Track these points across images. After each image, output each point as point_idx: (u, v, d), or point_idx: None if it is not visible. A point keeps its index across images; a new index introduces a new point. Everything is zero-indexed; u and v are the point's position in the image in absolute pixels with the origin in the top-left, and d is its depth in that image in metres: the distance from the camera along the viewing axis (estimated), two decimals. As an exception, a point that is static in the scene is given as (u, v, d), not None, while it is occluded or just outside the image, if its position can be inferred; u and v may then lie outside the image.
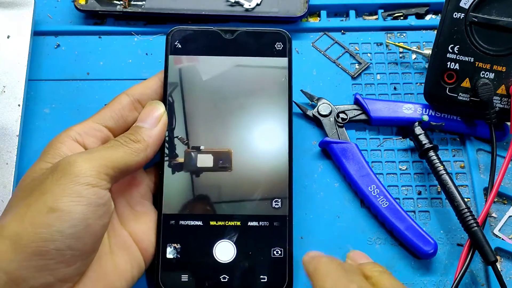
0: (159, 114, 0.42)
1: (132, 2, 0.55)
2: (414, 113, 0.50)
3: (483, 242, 0.43)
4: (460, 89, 0.48)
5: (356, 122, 0.51)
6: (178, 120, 0.44)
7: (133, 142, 0.39)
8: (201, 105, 0.44)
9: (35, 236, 0.32)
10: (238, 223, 0.41)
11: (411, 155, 0.50)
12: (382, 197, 0.46)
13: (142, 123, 0.41)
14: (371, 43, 0.55)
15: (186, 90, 0.44)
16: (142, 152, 0.39)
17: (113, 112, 0.42)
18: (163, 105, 0.43)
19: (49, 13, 0.57)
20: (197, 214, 0.41)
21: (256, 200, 0.42)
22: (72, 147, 0.39)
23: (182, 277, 0.40)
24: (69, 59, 0.54)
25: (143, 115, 0.42)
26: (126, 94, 0.43)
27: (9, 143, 0.48)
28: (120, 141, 0.39)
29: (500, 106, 0.47)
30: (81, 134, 0.40)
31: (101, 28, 0.56)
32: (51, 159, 0.37)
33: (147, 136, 0.40)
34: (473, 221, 0.44)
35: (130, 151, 0.38)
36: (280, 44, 0.44)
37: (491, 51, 0.47)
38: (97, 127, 0.41)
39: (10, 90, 0.50)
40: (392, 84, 0.53)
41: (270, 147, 0.43)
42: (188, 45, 0.44)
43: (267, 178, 0.42)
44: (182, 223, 0.41)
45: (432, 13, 0.58)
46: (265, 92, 0.44)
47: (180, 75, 0.44)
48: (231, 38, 0.44)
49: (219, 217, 0.41)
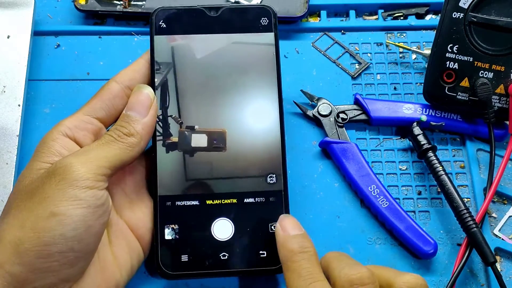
0: (149, 101, 0.40)
1: (132, 2, 0.55)
2: (414, 113, 0.50)
3: (482, 243, 0.43)
4: (459, 89, 0.48)
5: (356, 122, 0.51)
6: (170, 100, 0.43)
7: (127, 136, 0.38)
8: (189, 84, 0.43)
9: (38, 241, 0.33)
10: (235, 201, 0.41)
11: (411, 155, 0.50)
12: (382, 197, 0.46)
13: (132, 111, 0.40)
14: (371, 43, 0.55)
15: (174, 70, 0.43)
16: (136, 146, 0.39)
17: (103, 103, 0.41)
18: (151, 90, 0.41)
19: (49, 13, 0.57)
20: (193, 194, 0.41)
21: (251, 177, 0.42)
22: (64, 143, 0.38)
23: (182, 257, 0.40)
24: (69, 59, 0.54)
25: (132, 102, 0.40)
26: (116, 82, 0.41)
27: (9, 143, 0.48)
28: (113, 136, 0.38)
29: (498, 105, 0.47)
30: (72, 129, 0.39)
31: (101, 28, 0.56)
32: (46, 158, 0.37)
33: (140, 128, 0.39)
34: (472, 222, 0.44)
35: (125, 146, 0.38)
36: (265, 20, 0.44)
37: (490, 50, 0.47)
38: (87, 119, 0.40)
39: (10, 90, 0.50)
40: (392, 84, 0.53)
41: (262, 124, 0.43)
42: (173, 24, 0.44)
43: (261, 154, 0.42)
44: (178, 204, 0.41)
45: (432, 13, 0.58)
46: (253, 69, 0.44)
47: (167, 55, 0.44)
48: (215, 16, 0.44)
49: (215, 196, 0.41)
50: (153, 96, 0.41)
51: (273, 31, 0.44)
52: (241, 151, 0.43)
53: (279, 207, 0.41)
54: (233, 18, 0.44)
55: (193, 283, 0.44)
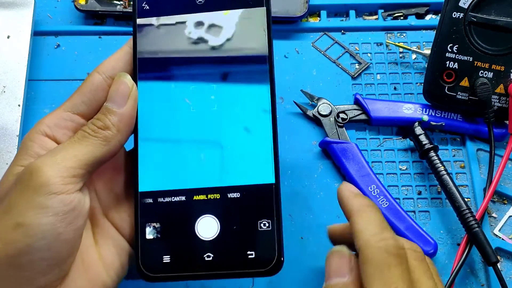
0: (127, 90, 0.37)
1: (132, 2, 0.55)
2: (414, 113, 0.50)
3: (484, 243, 0.43)
4: (459, 88, 0.48)
5: (356, 122, 0.51)
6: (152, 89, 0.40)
7: (101, 129, 0.35)
8: (177, 70, 0.40)
9: (6, 252, 0.31)
10: (218, 196, 0.38)
11: (411, 155, 0.50)
12: (382, 197, 0.46)
13: (110, 103, 0.36)
14: (371, 43, 0.55)
15: (159, 56, 0.40)
16: (112, 139, 0.35)
17: (84, 96, 0.37)
18: (129, 77, 0.38)
19: (49, 13, 0.57)
20: (176, 190, 0.38)
21: (238, 170, 0.38)
22: (43, 143, 0.35)
23: (164, 258, 0.37)
24: (69, 59, 0.54)
25: (111, 93, 0.37)
26: (97, 72, 0.38)
27: (9, 143, 0.48)
28: (87, 131, 0.35)
29: (498, 105, 0.48)
30: (51, 127, 0.36)
31: (101, 28, 0.56)
32: (23, 161, 0.35)
33: (116, 120, 0.36)
34: (474, 222, 0.44)
35: (99, 141, 0.35)
36: None
37: (490, 50, 0.47)
38: (68, 116, 0.37)
39: (10, 90, 0.50)
40: (392, 84, 0.53)
41: (251, 113, 0.39)
42: (157, 5, 0.40)
43: (249, 145, 0.38)
44: (160, 200, 0.38)
45: (432, 13, 0.58)
46: (245, 50, 0.40)
47: (150, 40, 0.40)
48: None
49: (199, 191, 0.38)
50: (132, 84, 0.37)
51: (265, 5, 0.39)
52: (228, 142, 0.39)
53: (269, 202, 0.37)
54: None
55: (193, 283, 0.43)
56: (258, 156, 0.38)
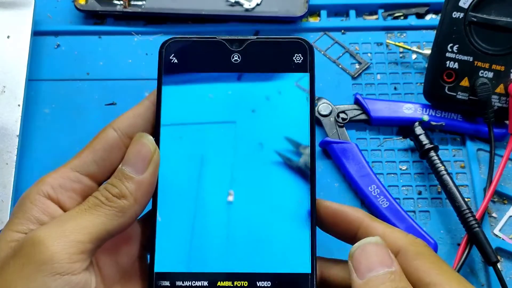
0: (148, 154, 0.32)
1: (132, 2, 0.55)
2: (415, 113, 0.50)
3: (484, 243, 0.43)
4: (459, 88, 0.48)
5: (356, 122, 0.51)
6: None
7: (116, 198, 0.30)
8: (203, 137, 0.34)
9: None
10: (246, 284, 0.33)
11: (411, 155, 0.50)
12: (382, 197, 0.46)
13: (128, 166, 0.31)
14: (371, 43, 0.55)
15: (184, 118, 0.34)
16: (128, 210, 0.30)
17: (96, 155, 0.32)
18: (152, 139, 0.32)
19: (49, 13, 0.57)
20: (197, 273, 0.33)
21: (269, 254, 0.33)
22: (44, 207, 0.31)
23: None
24: (69, 59, 0.54)
25: (129, 155, 0.32)
26: (113, 128, 0.33)
27: (9, 143, 0.48)
28: (99, 198, 0.30)
29: (498, 105, 0.48)
30: (55, 189, 0.31)
31: (101, 28, 0.56)
32: (19, 226, 0.30)
33: (134, 188, 0.31)
34: (474, 222, 0.44)
35: (113, 212, 0.30)
36: (299, 57, 0.35)
37: (490, 50, 0.47)
38: (75, 177, 0.32)
39: (10, 90, 0.50)
40: (393, 84, 0.53)
41: (286, 193, 0.34)
42: (187, 60, 0.35)
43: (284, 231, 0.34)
44: (178, 284, 0.33)
45: (432, 13, 0.58)
46: (282, 120, 0.34)
47: (176, 97, 0.35)
48: (238, 50, 0.35)
49: (224, 277, 0.33)
50: (155, 148, 0.32)
51: (308, 71, 0.34)
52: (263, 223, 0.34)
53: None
54: (260, 53, 0.35)
55: None
56: (294, 240, 0.33)
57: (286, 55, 0.35)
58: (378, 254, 0.29)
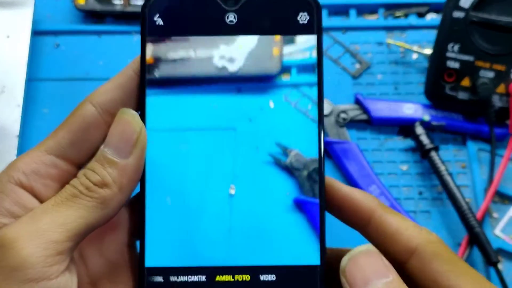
0: (134, 134, 0.27)
1: (131, 2, 0.55)
2: (415, 113, 0.50)
3: (485, 244, 0.43)
4: (460, 88, 0.48)
5: (357, 122, 0.51)
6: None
7: (98, 187, 0.26)
8: (193, 108, 0.31)
9: None
10: (248, 278, 0.30)
11: (412, 155, 0.50)
12: (383, 197, 0.46)
13: (110, 148, 0.27)
14: (372, 43, 0.55)
15: (171, 86, 0.30)
16: (111, 200, 0.27)
17: (73, 135, 0.28)
18: (137, 116, 0.28)
19: (49, 13, 0.57)
20: (193, 267, 0.30)
21: (274, 245, 0.30)
22: (16, 197, 0.27)
23: None
24: (68, 59, 0.54)
25: (112, 136, 0.28)
26: (91, 103, 0.28)
27: (8, 143, 0.48)
28: (78, 188, 0.26)
29: (499, 104, 0.47)
30: (28, 175, 0.27)
31: (101, 28, 0.56)
32: None
33: (118, 174, 0.27)
34: (475, 223, 0.44)
35: (94, 204, 0.26)
36: (304, 16, 0.30)
37: (491, 50, 0.47)
38: (50, 161, 0.28)
39: (9, 90, 0.50)
40: (393, 84, 0.53)
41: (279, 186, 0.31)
42: (173, 21, 0.30)
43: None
44: (172, 280, 0.29)
45: (433, 12, 0.57)
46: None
47: (161, 65, 0.31)
48: (233, 9, 0.30)
49: (223, 271, 0.30)
50: (140, 126, 0.28)
51: (315, 32, 0.30)
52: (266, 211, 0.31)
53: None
54: (258, 13, 0.31)
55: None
56: (301, 230, 0.31)
57: (289, 14, 0.30)
58: (372, 265, 0.27)
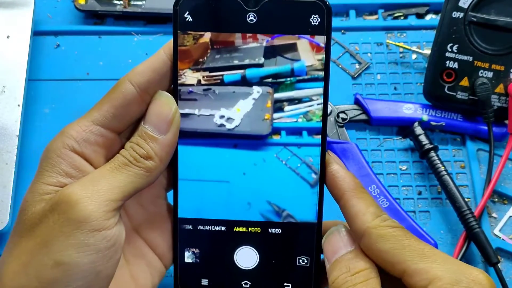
0: (169, 114, 0.33)
1: (132, 2, 0.55)
2: (415, 113, 0.50)
3: (485, 244, 0.43)
4: (459, 88, 0.48)
5: (356, 122, 0.51)
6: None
7: (143, 159, 0.32)
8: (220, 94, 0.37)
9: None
10: (259, 230, 0.37)
11: (411, 155, 0.50)
12: (382, 197, 0.46)
13: (151, 126, 0.33)
14: (371, 43, 0.55)
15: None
16: (154, 170, 0.33)
17: (116, 110, 0.33)
18: (172, 99, 0.34)
19: (49, 13, 0.57)
20: (216, 220, 0.37)
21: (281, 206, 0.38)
22: (71, 161, 0.32)
23: (202, 281, 0.38)
24: (69, 59, 0.54)
25: (151, 115, 0.33)
26: (131, 83, 0.33)
27: (9, 143, 0.48)
28: (128, 158, 0.32)
29: (498, 104, 0.48)
30: (80, 143, 0.32)
31: (101, 28, 0.56)
32: (50, 179, 0.32)
33: (159, 148, 0.33)
34: (475, 223, 0.44)
35: (141, 172, 0.32)
36: (316, 18, 0.35)
37: (490, 50, 0.47)
38: (97, 130, 0.33)
39: (10, 90, 0.50)
40: (393, 84, 0.53)
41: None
42: (200, 18, 0.35)
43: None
44: (199, 228, 0.37)
45: (432, 13, 0.58)
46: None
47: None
48: (253, 10, 0.35)
49: (239, 224, 0.37)
50: (175, 108, 0.34)
51: (325, 33, 0.35)
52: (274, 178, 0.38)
53: (310, 241, 0.37)
54: (275, 14, 0.35)
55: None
56: (302, 194, 0.37)
57: (302, 16, 0.34)
58: (340, 240, 0.33)
